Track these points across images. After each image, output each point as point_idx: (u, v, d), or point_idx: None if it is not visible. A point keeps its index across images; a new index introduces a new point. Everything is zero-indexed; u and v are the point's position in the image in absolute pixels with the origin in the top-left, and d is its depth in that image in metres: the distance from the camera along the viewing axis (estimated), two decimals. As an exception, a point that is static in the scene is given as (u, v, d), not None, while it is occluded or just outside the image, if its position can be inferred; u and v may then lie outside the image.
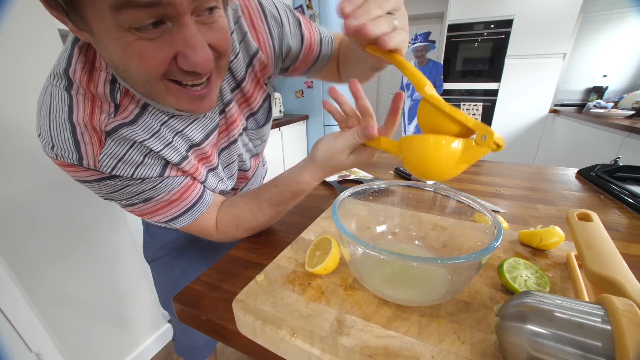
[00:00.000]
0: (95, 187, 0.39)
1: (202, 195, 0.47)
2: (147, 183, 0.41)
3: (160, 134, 0.40)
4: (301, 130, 2.43)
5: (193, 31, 0.29)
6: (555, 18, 2.55)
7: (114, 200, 0.42)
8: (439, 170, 0.30)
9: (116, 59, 0.30)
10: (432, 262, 0.30)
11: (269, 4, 0.47)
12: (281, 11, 0.48)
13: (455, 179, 0.79)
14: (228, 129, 0.50)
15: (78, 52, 0.35)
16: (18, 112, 0.73)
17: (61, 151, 0.35)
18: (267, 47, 0.47)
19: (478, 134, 0.27)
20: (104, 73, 0.35)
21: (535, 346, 0.22)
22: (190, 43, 0.29)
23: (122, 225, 1.04)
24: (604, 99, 2.59)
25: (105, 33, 0.28)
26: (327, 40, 0.55)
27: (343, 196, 0.39)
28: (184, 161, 0.44)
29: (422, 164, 0.31)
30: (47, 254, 0.84)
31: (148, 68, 0.30)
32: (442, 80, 2.72)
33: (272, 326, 0.30)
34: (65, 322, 0.90)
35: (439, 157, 0.29)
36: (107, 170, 0.37)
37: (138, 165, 0.39)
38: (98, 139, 0.36)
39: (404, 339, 0.28)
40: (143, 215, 0.45)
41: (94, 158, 0.36)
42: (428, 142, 0.30)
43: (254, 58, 0.47)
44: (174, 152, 0.42)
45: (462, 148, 0.29)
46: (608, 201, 0.65)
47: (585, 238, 0.36)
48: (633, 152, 1.64)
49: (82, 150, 0.35)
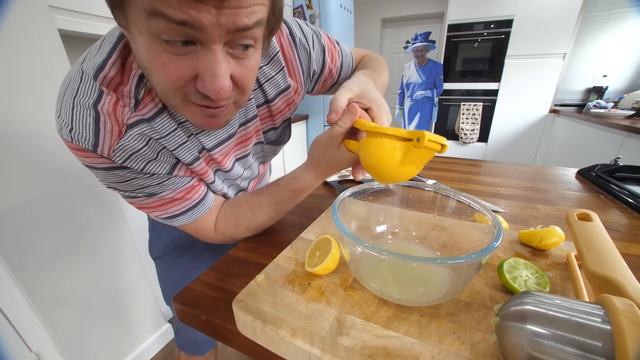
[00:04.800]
0: (102, 175, 0.40)
1: (204, 197, 0.48)
2: (155, 179, 0.42)
3: (176, 133, 0.41)
4: (301, 130, 2.43)
5: (219, 59, 0.29)
6: (555, 18, 2.54)
7: (117, 190, 0.42)
8: (388, 171, 0.33)
9: (144, 61, 0.31)
10: (432, 262, 0.30)
11: (298, 31, 0.48)
12: (309, 38, 0.49)
13: (455, 179, 0.79)
14: (246, 142, 0.51)
15: (122, 47, 0.35)
16: (18, 112, 0.73)
17: (78, 135, 0.35)
18: (298, 75, 0.50)
19: (414, 138, 0.30)
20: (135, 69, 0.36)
21: (535, 346, 0.22)
22: (212, 69, 0.29)
23: (122, 225, 1.04)
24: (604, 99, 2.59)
25: (139, 35, 0.28)
26: (347, 66, 0.58)
27: (343, 196, 0.39)
28: (195, 162, 0.44)
29: (372, 165, 0.34)
30: (47, 254, 0.84)
31: (167, 80, 0.30)
32: (442, 80, 2.72)
33: (272, 326, 0.30)
34: (65, 322, 0.90)
35: (384, 158, 0.33)
36: (119, 161, 0.38)
37: (150, 160, 0.40)
38: (119, 129, 0.36)
39: (404, 339, 0.28)
40: (143, 208, 0.45)
41: (110, 147, 0.36)
42: (373, 143, 0.33)
43: (288, 88, 0.49)
44: (186, 152, 0.43)
45: (404, 149, 0.31)
46: (608, 201, 0.65)
47: (585, 238, 0.36)
48: (633, 152, 1.64)
49: (100, 137, 0.35)
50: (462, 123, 3.09)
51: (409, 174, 0.34)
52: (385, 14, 3.98)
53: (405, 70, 2.83)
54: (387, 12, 3.97)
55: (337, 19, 2.18)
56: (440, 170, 0.87)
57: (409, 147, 0.31)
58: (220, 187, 0.52)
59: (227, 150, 0.49)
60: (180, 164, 0.44)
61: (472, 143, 3.14)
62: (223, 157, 0.48)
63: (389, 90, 4.26)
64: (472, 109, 3.04)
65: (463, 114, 3.07)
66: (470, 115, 3.06)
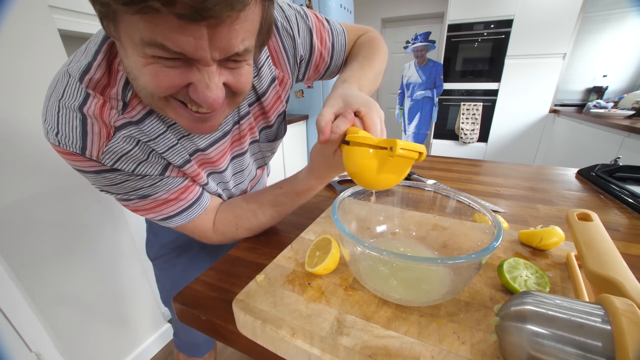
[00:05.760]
0: (93, 178, 0.39)
1: (199, 197, 0.47)
2: (147, 180, 0.41)
3: (166, 136, 0.40)
4: (301, 130, 2.43)
5: (212, 72, 0.29)
6: (555, 18, 2.54)
7: (110, 194, 0.42)
8: (368, 179, 0.34)
9: (133, 69, 0.30)
10: (432, 262, 0.30)
11: (280, 16, 0.46)
12: (292, 22, 0.47)
13: (455, 179, 0.79)
14: (241, 140, 0.50)
15: (107, 49, 0.35)
16: (18, 113, 0.73)
17: (65, 138, 0.34)
18: (283, 63, 0.48)
19: (387, 147, 0.30)
20: (121, 70, 0.35)
21: (535, 346, 0.22)
22: (205, 82, 0.29)
23: (122, 225, 1.04)
24: (604, 99, 2.58)
25: (130, 49, 0.28)
26: (340, 46, 0.54)
27: (343, 196, 0.39)
28: (186, 164, 0.44)
29: (353, 173, 0.35)
30: (47, 254, 0.84)
31: (157, 87, 0.30)
32: (442, 80, 2.72)
33: (272, 326, 0.30)
34: (65, 322, 0.90)
35: (362, 166, 0.33)
36: (109, 163, 0.37)
37: (141, 162, 0.40)
38: (107, 132, 0.36)
39: (404, 339, 0.28)
40: (137, 211, 0.44)
41: (99, 150, 0.36)
42: (352, 152, 0.34)
43: (275, 79, 0.48)
44: (176, 155, 0.42)
45: (380, 158, 0.32)
46: (608, 201, 0.65)
47: (585, 238, 0.36)
48: (633, 152, 1.64)
49: (88, 140, 0.35)
50: (462, 123, 3.09)
51: (390, 182, 0.34)
52: (385, 14, 3.98)
53: (405, 70, 2.83)
54: (387, 12, 3.97)
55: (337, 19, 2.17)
56: (440, 170, 0.87)
57: (385, 155, 0.31)
58: (214, 189, 0.52)
59: (224, 149, 0.48)
60: (172, 165, 0.43)
61: (472, 143, 3.14)
62: (219, 156, 0.48)
63: (388, 91, 4.27)
64: (472, 109, 3.04)
65: (463, 114, 3.07)
66: (470, 115, 3.05)
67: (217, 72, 0.30)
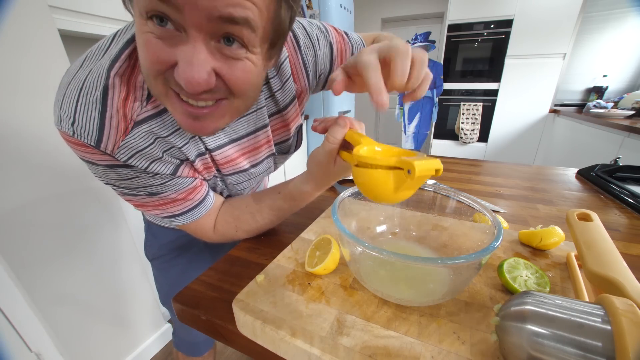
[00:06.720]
0: (102, 171, 0.38)
1: (205, 197, 0.47)
2: (158, 179, 0.41)
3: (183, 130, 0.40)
4: (301, 130, 2.43)
5: (197, 48, 0.28)
6: (555, 18, 2.54)
7: (116, 187, 0.41)
8: (383, 197, 0.33)
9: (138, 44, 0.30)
10: (432, 262, 0.30)
11: (302, 33, 0.46)
12: (313, 37, 0.47)
13: (455, 179, 0.79)
14: (255, 151, 0.51)
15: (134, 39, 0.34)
16: (18, 113, 0.73)
17: (81, 129, 0.34)
18: (302, 78, 0.48)
19: (405, 169, 0.28)
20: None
21: (535, 346, 0.22)
22: (188, 57, 0.28)
23: (122, 225, 1.04)
24: (604, 99, 2.58)
25: (137, 19, 0.28)
26: None
27: (343, 196, 0.39)
28: (199, 157, 0.44)
29: (366, 192, 0.34)
30: (47, 254, 0.84)
31: (145, 62, 0.29)
32: (442, 80, 2.72)
33: (272, 326, 0.30)
34: (65, 322, 0.90)
35: (377, 186, 0.32)
36: (122, 159, 0.37)
37: (155, 160, 0.39)
38: (125, 126, 0.35)
39: (404, 339, 0.28)
40: (142, 207, 0.44)
41: (114, 144, 0.35)
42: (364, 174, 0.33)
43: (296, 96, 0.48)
44: (194, 148, 0.42)
45: (396, 178, 0.30)
46: (608, 201, 0.65)
47: (585, 238, 0.36)
48: (633, 152, 1.64)
49: (105, 133, 0.34)
50: (462, 123, 3.08)
51: (405, 197, 0.33)
52: (385, 14, 3.98)
53: (405, 70, 2.83)
54: (387, 12, 3.97)
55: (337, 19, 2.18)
56: (440, 170, 0.87)
57: (401, 176, 0.29)
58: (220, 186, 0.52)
59: (229, 155, 0.48)
60: (184, 164, 0.43)
61: (472, 143, 3.14)
62: (226, 162, 0.48)
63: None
64: (472, 109, 3.04)
65: (463, 114, 3.07)
66: (470, 115, 3.05)
67: (206, 51, 0.29)
